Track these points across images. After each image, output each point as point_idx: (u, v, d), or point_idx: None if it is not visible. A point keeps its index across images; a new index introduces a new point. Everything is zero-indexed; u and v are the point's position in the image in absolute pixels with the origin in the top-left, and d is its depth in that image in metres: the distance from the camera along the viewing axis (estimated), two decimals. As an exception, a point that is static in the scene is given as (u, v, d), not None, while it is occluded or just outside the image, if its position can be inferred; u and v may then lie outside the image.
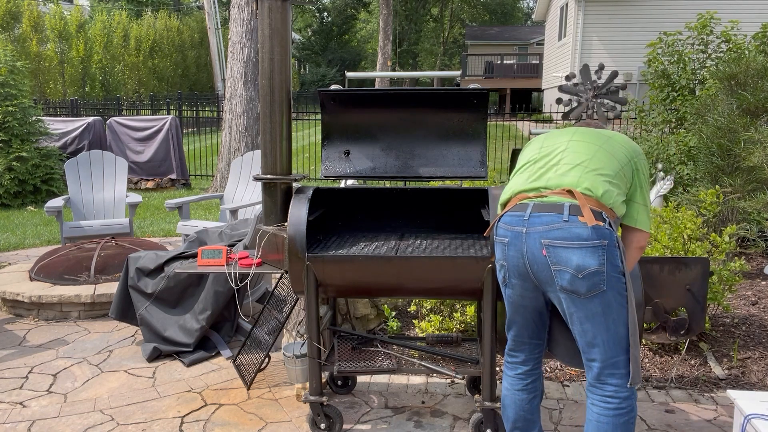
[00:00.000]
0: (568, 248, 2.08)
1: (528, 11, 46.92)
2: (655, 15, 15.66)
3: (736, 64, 5.15)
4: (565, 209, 2.11)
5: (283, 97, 2.82)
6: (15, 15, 19.77)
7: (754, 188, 4.81)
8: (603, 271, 2.07)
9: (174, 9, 30.44)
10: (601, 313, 2.11)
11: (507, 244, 2.23)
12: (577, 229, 2.07)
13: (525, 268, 2.20)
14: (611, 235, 2.09)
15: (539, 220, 2.14)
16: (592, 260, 2.06)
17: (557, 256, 2.10)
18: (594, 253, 2.06)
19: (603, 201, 2.14)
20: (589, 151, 2.24)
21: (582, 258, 2.06)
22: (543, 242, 2.12)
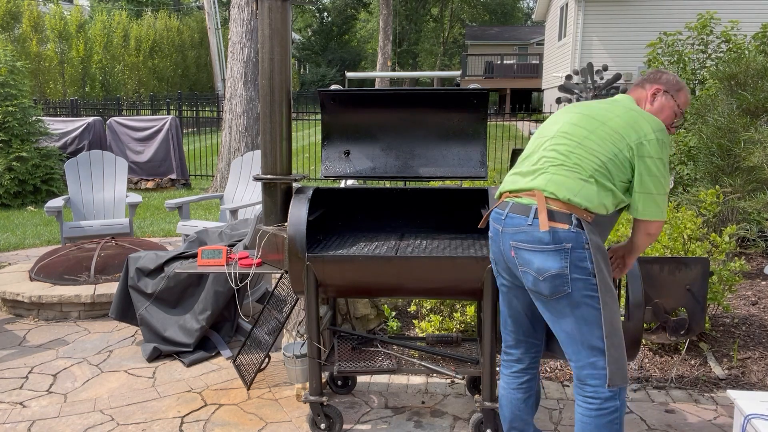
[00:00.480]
0: (530, 251, 2.13)
1: (528, 11, 46.93)
2: (655, 15, 15.66)
3: (736, 64, 5.15)
4: (531, 212, 2.15)
5: (283, 97, 2.82)
6: (15, 15, 19.78)
7: (754, 188, 4.81)
8: (565, 274, 2.08)
9: (174, 9, 30.45)
10: (570, 314, 2.12)
11: (492, 240, 2.32)
12: (539, 233, 2.11)
13: (503, 264, 2.29)
14: (577, 238, 2.08)
15: (511, 222, 2.20)
16: (553, 263, 2.09)
17: (522, 258, 2.16)
18: (555, 256, 2.09)
19: (572, 203, 2.10)
20: (573, 141, 2.18)
21: (542, 261, 2.10)
22: (511, 243, 2.19)
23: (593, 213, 2.13)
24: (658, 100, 2.31)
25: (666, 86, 2.31)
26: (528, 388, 2.44)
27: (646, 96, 2.32)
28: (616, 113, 2.20)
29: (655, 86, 2.32)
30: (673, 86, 2.31)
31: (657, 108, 2.30)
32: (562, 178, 2.14)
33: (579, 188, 2.12)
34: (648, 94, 2.32)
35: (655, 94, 2.31)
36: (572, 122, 2.24)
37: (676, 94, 2.31)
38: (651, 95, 2.32)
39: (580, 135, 2.18)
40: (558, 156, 2.19)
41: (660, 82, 2.32)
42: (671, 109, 2.31)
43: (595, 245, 2.11)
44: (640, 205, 2.15)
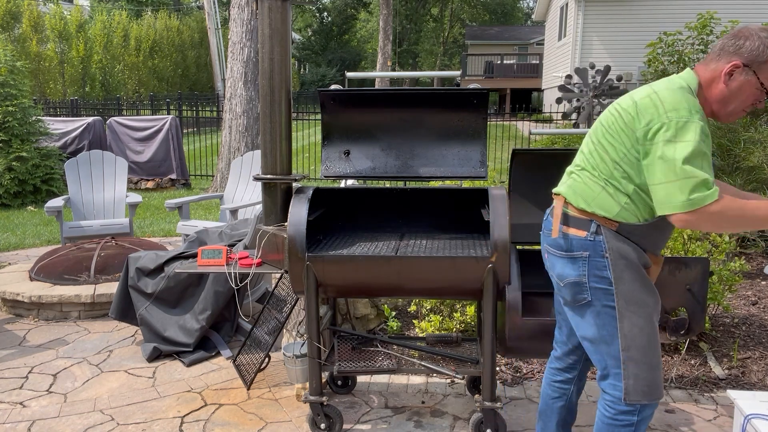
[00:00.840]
0: (554, 256, 2.13)
1: (528, 11, 46.93)
2: (655, 15, 15.66)
3: (736, 64, 5.14)
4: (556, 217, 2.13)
5: (283, 97, 2.82)
6: (15, 15, 19.78)
7: (754, 188, 4.81)
8: (583, 282, 2.03)
9: (174, 9, 30.44)
10: (593, 323, 2.07)
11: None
12: (560, 240, 2.08)
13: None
14: (595, 246, 1.99)
15: (545, 225, 2.23)
16: (571, 271, 2.05)
17: (549, 261, 2.18)
18: (572, 263, 2.04)
19: (591, 209, 2.00)
20: (594, 140, 2.05)
21: (562, 267, 2.09)
22: (545, 246, 2.21)
23: (616, 221, 1.98)
24: (737, 80, 1.88)
25: (747, 59, 1.86)
26: (560, 389, 2.42)
27: (721, 73, 1.90)
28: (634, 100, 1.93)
29: (734, 61, 1.87)
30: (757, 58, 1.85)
31: (735, 88, 1.89)
32: (581, 184, 2.05)
33: (595, 195, 2.00)
34: (724, 71, 1.89)
35: (732, 72, 1.88)
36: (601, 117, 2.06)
37: (761, 67, 1.85)
38: (726, 73, 1.89)
39: (600, 133, 2.02)
40: (583, 158, 2.08)
41: (740, 54, 1.86)
42: (753, 87, 1.88)
43: (618, 253, 1.97)
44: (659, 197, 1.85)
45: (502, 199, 2.62)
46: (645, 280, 2.02)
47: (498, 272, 2.55)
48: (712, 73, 1.92)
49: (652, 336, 2.02)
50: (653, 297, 2.04)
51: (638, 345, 2.01)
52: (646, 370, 2.02)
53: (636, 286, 2.00)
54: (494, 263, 2.54)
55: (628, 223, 1.98)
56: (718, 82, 1.91)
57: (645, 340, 2.01)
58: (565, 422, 2.48)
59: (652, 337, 2.02)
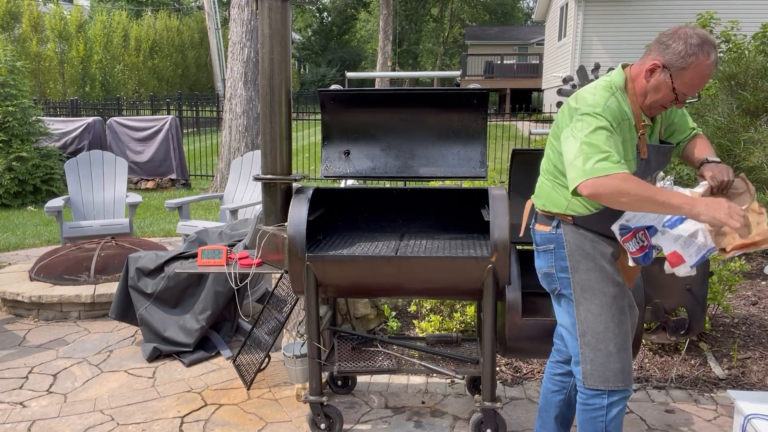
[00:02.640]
0: (535, 251, 2.33)
1: (528, 11, 46.92)
2: (655, 15, 15.66)
3: (736, 64, 5.15)
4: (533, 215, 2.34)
5: (283, 97, 2.82)
6: (15, 15, 19.77)
7: (754, 188, 4.80)
8: (552, 273, 2.22)
9: (174, 9, 30.44)
10: (563, 311, 2.26)
11: None
12: (535, 236, 2.30)
13: None
14: (558, 239, 2.18)
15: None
16: (542, 263, 2.26)
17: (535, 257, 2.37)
18: (544, 256, 2.25)
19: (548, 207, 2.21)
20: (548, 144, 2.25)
21: (537, 260, 2.31)
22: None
23: (569, 215, 2.15)
24: (656, 78, 1.97)
25: (668, 62, 1.92)
26: (560, 383, 2.46)
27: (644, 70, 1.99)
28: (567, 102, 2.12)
29: (657, 60, 1.96)
30: (677, 62, 1.91)
31: (653, 86, 1.98)
32: (540, 186, 2.27)
33: (548, 194, 2.21)
34: (646, 67, 1.98)
35: (653, 70, 1.97)
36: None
37: (678, 73, 1.92)
38: (648, 70, 1.98)
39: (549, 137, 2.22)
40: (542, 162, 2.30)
41: (664, 54, 1.94)
42: (667, 89, 1.96)
43: (575, 245, 2.14)
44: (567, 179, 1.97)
45: (502, 199, 2.62)
46: (605, 270, 2.12)
47: (498, 272, 2.55)
48: (639, 68, 2.04)
49: (610, 324, 2.11)
50: (615, 287, 2.12)
51: (594, 331, 2.13)
52: (603, 356, 2.11)
53: (592, 276, 2.13)
54: (494, 263, 2.54)
55: (581, 215, 2.13)
56: (640, 77, 2.02)
57: (601, 327, 2.12)
58: (564, 419, 2.49)
59: (609, 325, 2.11)
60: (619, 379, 2.12)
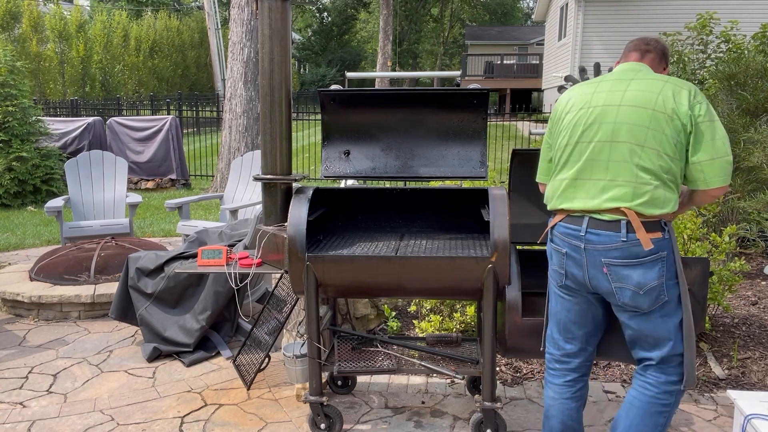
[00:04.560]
0: (627, 266, 2.11)
1: (528, 11, 46.92)
2: (655, 15, 15.66)
3: (736, 64, 5.15)
4: (622, 228, 2.10)
5: (283, 97, 2.82)
6: (15, 15, 19.77)
7: (754, 188, 4.81)
8: (662, 283, 2.11)
9: (174, 9, 30.44)
10: (660, 319, 2.15)
11: (565, 255, 2.25)
12: (636, 248, 2.09)
13: (584, 280, 2.23)
14: (668, 243, 2.11)
15: (597, 239, 2.14)
16: (651, 275, 2.09)
17: (617, 274, 2.13)
18: (653, 267, 2.09)
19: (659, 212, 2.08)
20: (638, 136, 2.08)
21: (642, 275, 2.09)
22: (603, 260, 2.14)
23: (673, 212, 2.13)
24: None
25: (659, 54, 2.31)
26: (581, 396, 2.40)
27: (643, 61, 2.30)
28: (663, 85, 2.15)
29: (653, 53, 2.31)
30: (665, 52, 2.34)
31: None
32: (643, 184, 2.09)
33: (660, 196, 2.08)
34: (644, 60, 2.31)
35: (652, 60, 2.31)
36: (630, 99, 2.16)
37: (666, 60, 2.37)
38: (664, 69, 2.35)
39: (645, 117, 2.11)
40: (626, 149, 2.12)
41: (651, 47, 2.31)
42: None
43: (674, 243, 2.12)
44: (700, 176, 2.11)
45: (502, 199, 2.62)
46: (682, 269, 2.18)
47: (498, 272, 2.55)
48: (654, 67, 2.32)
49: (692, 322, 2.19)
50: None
51: (689, 334, 2.15)
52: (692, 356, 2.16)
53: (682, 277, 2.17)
54: (494, 263, 2.54)
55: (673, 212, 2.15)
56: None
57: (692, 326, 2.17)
58: None
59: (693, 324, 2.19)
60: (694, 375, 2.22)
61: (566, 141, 2.24)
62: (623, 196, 2.09)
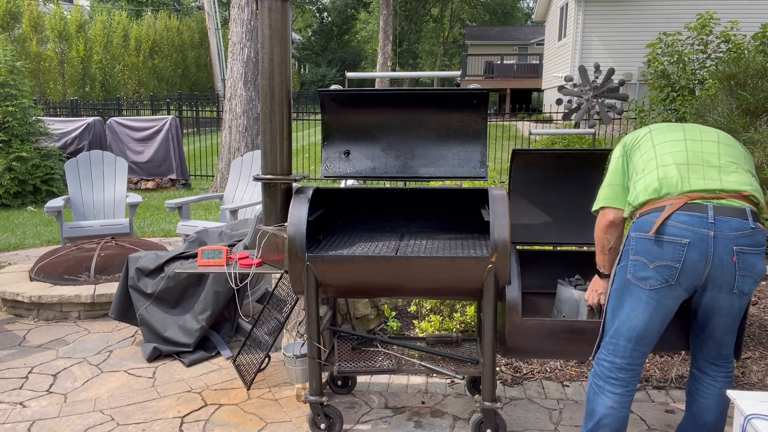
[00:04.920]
0: (755, 254, 2.13)
1: (528, 11, 46.92)
2: (655, 15, 15.66)
3: (736, 64, 5.15)
4: (748, 215, 2.12)
5: (283, 97, 2.82)
6: (15, 15, 19.76)
7: (754, 188, 4.80)
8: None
9: (174, 9, 30.44)
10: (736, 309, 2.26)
11: (687, 246, 2.13)
12: (760, 236, 2.12)
13: (703, 271, 2.15)
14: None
15: (727, 225, 2.11)
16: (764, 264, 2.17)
17: (745, 262, 2.13)
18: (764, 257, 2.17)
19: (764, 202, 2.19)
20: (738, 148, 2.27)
21: (763, 263, 2.16)
22: (734, 248, 2.11)
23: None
24: None
25: None
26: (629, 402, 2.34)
27: None
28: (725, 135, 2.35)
29: None
30: None
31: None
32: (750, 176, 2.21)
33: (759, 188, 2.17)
34: None
35: None
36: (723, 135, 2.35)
37: None
38: None
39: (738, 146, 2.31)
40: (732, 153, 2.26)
41: None
42: None
43: None
44: None
45: (502, 199, 2.62)
46: None
47: (498, 272, 2.55)
48: None
49: None
50: None
51: None
52: None
53: None
54: (494, 263, 2.54)
55: None
56: None
57: None
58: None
59: None
60: None
61: None
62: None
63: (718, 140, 2.29)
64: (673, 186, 2.19)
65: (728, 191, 2.15)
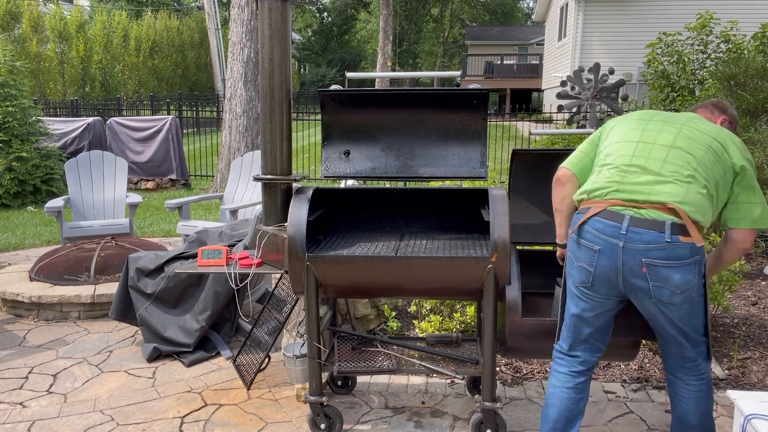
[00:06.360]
0: (669, 267, 2.10)
1: (528, 11, 46.92)
2: (655, 15, 15.66)
3: (736, 64, 5.15)
4: (666, 228, 2.09)
5: (283, 97, 2.82)
6: (15, 15, 19.77)
7: (754, 188, 4.79)
8: (697, 282, 2.15)
9: (174, 9, 30.44)
10: (687, 314, 2.22)
11: (598, 252, 2.20)
12: (679, 250, 2.09)
13: (616, 279, 2.20)
14: (702, 248, 2.14)
15: (639, 238, 2.12)
16: (690, 276, 2.12)
17: (658, 275, 2.12)
18: (692, 269, 2.12)
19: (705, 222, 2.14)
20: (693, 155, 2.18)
21: (682, 276, 2.11)
22: (643, 260, 2.12)
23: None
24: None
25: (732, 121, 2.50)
26: (583, 389, 2.40)
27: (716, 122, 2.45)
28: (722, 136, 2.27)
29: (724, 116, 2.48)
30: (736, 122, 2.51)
31: None
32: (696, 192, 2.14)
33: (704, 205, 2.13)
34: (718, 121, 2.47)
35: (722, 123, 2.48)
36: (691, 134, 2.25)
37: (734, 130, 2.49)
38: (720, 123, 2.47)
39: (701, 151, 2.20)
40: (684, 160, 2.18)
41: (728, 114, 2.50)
42: None
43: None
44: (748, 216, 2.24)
45: (502, 200, 2.62)
46: None
47: (498, 272, 2.55)
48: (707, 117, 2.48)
49: None
50: None
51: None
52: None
53: None
54: (494, 263, 2.54)
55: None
56: None
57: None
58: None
59: None
60: None
61: None
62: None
63: (671, 144, 2.21)
64: (603, 190, 2.23)
65: (653, 202, 2.13)
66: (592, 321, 2.35)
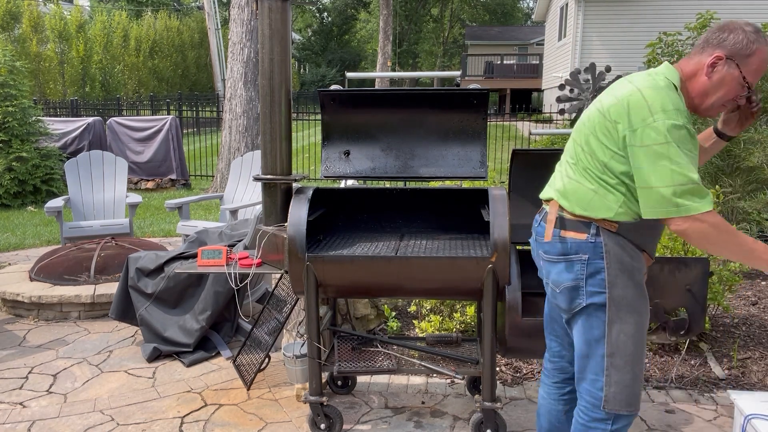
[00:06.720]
0: (548, 262, 2.05)
1: (528, 11, 46.91)
2: (655, 15, 15.66)
3: (736, 64, 5.14)
4: (549, 222, 2.06)
5: (283, 97, 2.82)
6: (15, 15, 19.78)
7: (754, 188, 4.81)
8: (580, 286, 1.95)
9: (174, 9, 30.44)
10: (581, 328, 2.01)
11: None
12: (560, 245, 1.99)
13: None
14: (596, 248, 1.91)
15: (536, 231, 2.15)
16: (567, 275, 1.97)
17: (544, 269, 2.11)
18: (569, 268, 1.97)
19: (587, 212, 1.93)
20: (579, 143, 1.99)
21: (558, 273, 2.01)
22: (538, 253, 2.13)
23: (616, 222, 1.91)
24: (719, 72, 1.86)
25: (731, 52, 1.83)
26: (570, 400, 2.30)
27: (704, 65, 1.86)
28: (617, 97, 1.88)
29: (717, 53, 1.85)
30: (740, 51, 1.82)
31: (717, 81, 1.86)
32: (574, 188, 1.97)
33: (590, 198, 1.92)
34: (707, 63, 1.86)
35: (715, 64, 1.85)
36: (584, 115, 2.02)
37: (745, 61, 1.83)
38: (709, 65, 1.86)
39: (585, 133, 1.95)
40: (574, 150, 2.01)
41: (723, 46, 1.84)
42: (735, 80, 1.85)
43: (615, 257, 1.91)
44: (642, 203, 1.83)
45: (502, 199, 2.62)
46: (639, 287, 1.95)
47: (498, 272, 2.56)
48: (695, 66, 1.89)
49: (639, 345, 1.95)
50: (646, 306, 1.97)
51: (624, 353, 1.94)
52: (630, 380, 1.95)
53: (629, 292, 1.93)
54: (494, 263, 2.54)
55: (626, 222, 1.91)
56: (700, 74, 1.88)
57: (632, 348, 1.94)
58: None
59: (639, 347, 1.95)
60: (638, 404, 1.99)
61: None
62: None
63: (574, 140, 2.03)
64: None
65: (547, 199, 2.12)
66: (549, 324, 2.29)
